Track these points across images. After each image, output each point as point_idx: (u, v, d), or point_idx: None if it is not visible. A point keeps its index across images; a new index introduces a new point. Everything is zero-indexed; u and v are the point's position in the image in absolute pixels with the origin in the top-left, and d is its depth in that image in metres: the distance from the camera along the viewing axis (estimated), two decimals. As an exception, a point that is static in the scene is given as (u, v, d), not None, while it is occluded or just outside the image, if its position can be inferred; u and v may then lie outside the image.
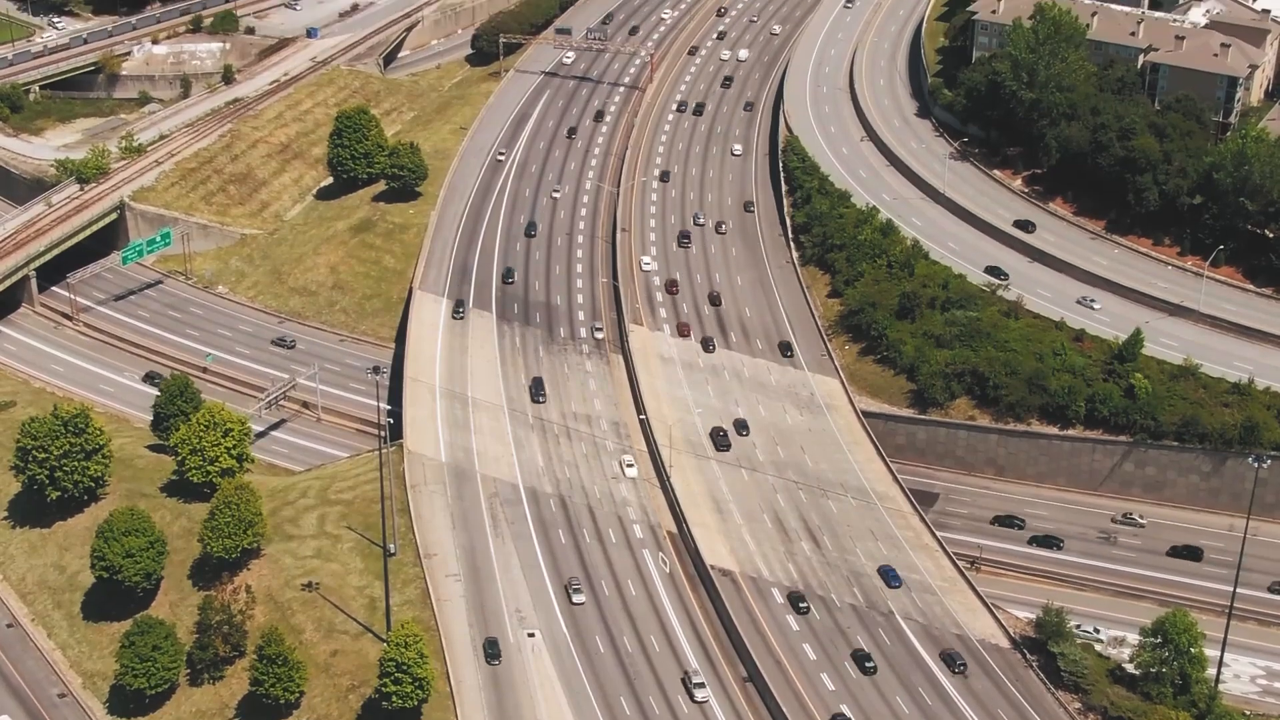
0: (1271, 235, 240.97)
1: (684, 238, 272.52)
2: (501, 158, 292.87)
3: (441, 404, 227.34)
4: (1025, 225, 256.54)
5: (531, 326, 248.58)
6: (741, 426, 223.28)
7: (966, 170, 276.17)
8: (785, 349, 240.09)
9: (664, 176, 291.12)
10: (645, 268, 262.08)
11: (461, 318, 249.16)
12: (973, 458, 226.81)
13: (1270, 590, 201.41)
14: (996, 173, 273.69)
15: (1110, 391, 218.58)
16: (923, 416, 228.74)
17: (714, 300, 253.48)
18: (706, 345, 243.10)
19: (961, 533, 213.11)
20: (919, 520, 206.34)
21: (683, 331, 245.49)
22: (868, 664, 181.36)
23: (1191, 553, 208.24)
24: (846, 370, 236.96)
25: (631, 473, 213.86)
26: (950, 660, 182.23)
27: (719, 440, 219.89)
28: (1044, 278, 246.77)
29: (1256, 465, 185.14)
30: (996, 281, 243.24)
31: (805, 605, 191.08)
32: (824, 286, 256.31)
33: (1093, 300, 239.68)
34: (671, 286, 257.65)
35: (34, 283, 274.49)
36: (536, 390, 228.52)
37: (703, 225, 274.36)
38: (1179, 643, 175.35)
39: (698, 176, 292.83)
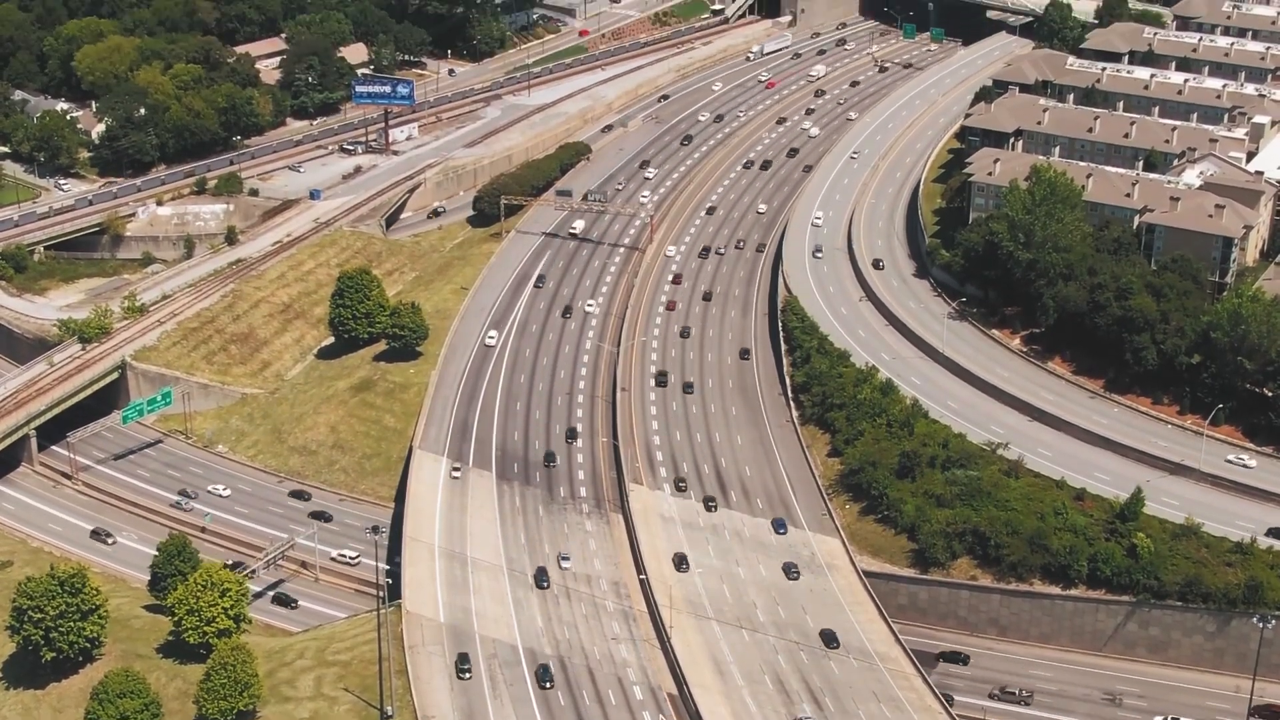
0: (1270, 394, 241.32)
1: (688, 387, 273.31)
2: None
3: (440, 564, 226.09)
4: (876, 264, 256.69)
5: (531, 486, 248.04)
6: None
7: (965, 330, 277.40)
8: (779, 525, 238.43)
9: (664, 336, 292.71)
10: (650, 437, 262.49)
11: (459, 477, 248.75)
12: (975, 618, 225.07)
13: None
14: (995, 332, 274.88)
15: (1112, 551, 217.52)
16: (924, 576, 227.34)
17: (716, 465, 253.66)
18: (708, 504, 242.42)
19: (966, 694, 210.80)
20: (922, 682, 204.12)
21: (680, 489, 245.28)
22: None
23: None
24: (847, 530, 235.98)
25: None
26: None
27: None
28: (1044, 437, 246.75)
29: (1261, 626, 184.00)
30: (995, 440, 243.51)
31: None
32: (824, 446, 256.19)
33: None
34: (672, 444, 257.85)
35: (34, 442, 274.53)
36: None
37: (693, 391, 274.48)
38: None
39: (697, 336, 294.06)
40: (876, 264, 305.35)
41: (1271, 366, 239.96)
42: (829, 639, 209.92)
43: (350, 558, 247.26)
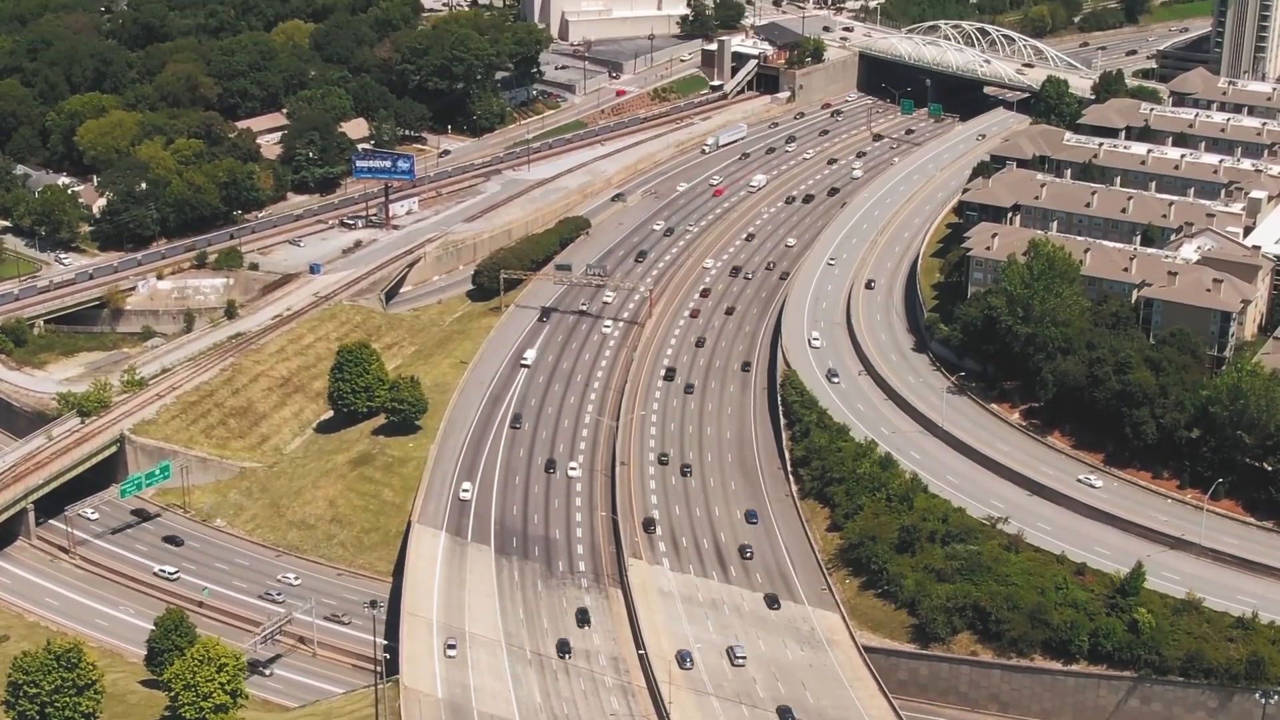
0: (1270, 469, 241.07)
1: (686, 469, 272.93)
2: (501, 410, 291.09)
3: (439, 639, 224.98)
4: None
5: (530, 561, 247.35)
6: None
7: (964, 404, 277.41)
8: (772, 601, 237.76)
9: (663, 411, 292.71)
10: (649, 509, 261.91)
11: (460, 550, 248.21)
12: (976, 694, 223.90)
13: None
14: (994, 406, 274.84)
15: (1114, 626, 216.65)
16: (925, 652, 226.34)
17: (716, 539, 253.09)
18: (707, 579, 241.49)
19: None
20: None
21: (682, 565, 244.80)
22: None
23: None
24: (847, 605, 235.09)
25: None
26: None
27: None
28: (1044, 511, 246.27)
29: (1264, 701, 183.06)
30: (995, 515, 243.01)
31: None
32: (823, 520, 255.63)
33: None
34: (671, 519, 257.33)
35: (32, 516, 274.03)
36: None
37: (690, 473, 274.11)
38: None
39: (696, 410, 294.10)
40: (869, 284, 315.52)
41: (1271, 441, 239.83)
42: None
43: (341, 616, 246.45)
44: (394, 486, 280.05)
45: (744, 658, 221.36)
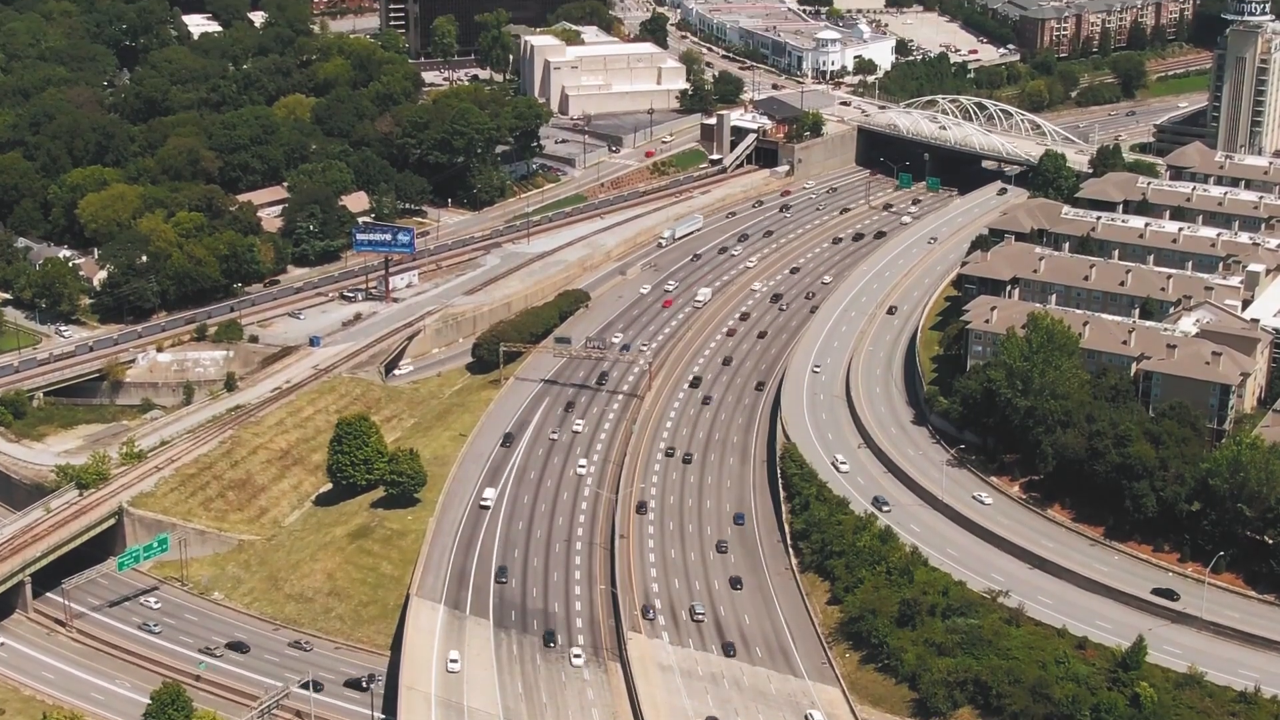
0: (1271, 542, 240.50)
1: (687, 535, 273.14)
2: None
3: (437, 713, 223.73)
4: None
5: (529, 634, 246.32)
6: None
7: (964, 477, 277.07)
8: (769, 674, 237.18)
9: (663, 483, 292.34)
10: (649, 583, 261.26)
11: (458, 624, 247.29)
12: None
13: None
14: (994, 479, 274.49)
15: (1115, 701, 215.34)
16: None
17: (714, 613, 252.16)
18: (706, 653, 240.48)
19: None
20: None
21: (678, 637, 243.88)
22: None
23: None
24: (847, 679, 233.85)
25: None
26: None
27: None
28: (1045, 585, 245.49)
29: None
30: (996, 588, 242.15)
31: None
32: (823, 594, 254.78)
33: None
34: (671, 592, 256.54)
35: (29, 589, 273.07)
36: None
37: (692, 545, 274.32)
38: None
39: (696, 483, 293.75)
40: (891, 310, 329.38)
41: (1271, 514, 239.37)
42: None
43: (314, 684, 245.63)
44: (392, 559, 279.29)
45: None
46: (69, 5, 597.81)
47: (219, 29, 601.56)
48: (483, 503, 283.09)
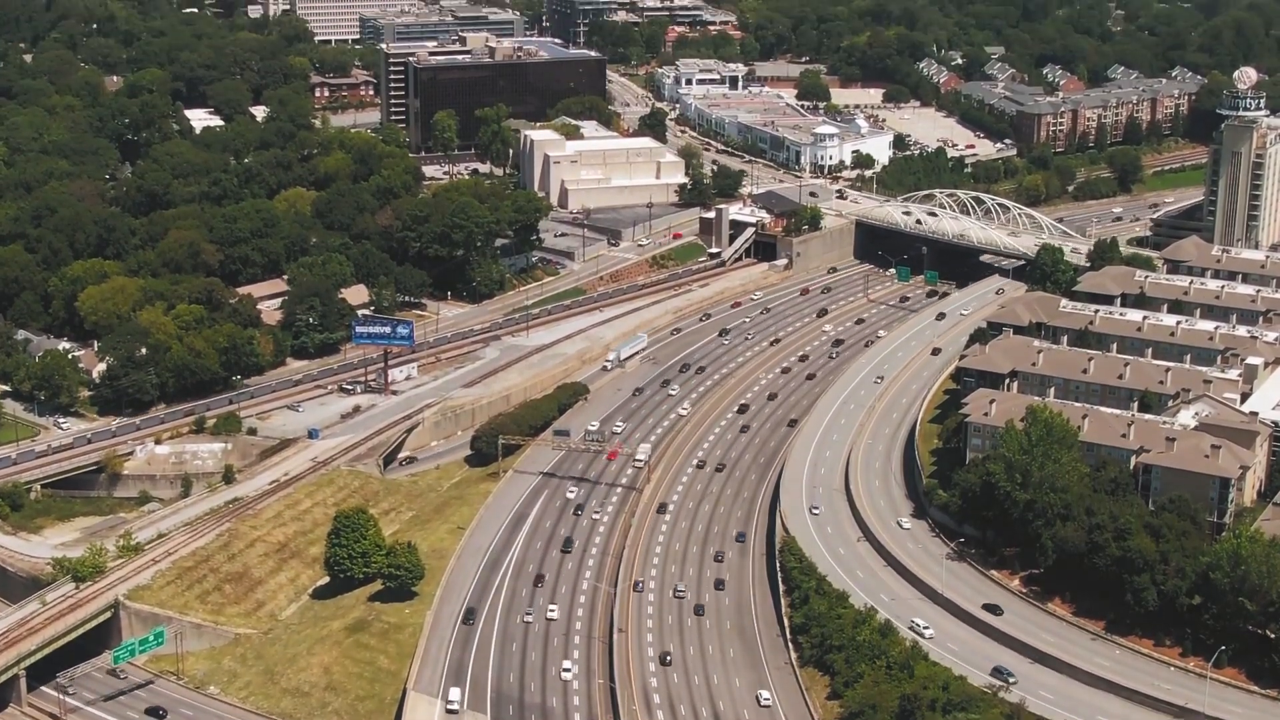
0: (1273, 636, 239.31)
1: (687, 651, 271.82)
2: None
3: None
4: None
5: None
6: None
7: (964, 570, 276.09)
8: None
9: (661, 575, 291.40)
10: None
11: (455, 715, 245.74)
12: None
13: None
14: (994, 573, 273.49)
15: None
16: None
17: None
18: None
19: None
20: None
21: None
22: None
23: None
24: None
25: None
26: None
27: None
28: (1047, 680, 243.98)
29: None
30: (998, 683, 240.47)
31: None
32: (823, 688, 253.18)
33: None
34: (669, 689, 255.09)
35: (24, 682, 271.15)
36: None
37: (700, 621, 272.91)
38: None
39: (695, 576, 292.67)
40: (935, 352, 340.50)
41: (1273, 607, 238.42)
42: None
43: None
44: (390, 653, 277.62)
45: None
46: (72, 100, 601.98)
47: (221, 123, 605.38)
48: (449, 707, 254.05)
